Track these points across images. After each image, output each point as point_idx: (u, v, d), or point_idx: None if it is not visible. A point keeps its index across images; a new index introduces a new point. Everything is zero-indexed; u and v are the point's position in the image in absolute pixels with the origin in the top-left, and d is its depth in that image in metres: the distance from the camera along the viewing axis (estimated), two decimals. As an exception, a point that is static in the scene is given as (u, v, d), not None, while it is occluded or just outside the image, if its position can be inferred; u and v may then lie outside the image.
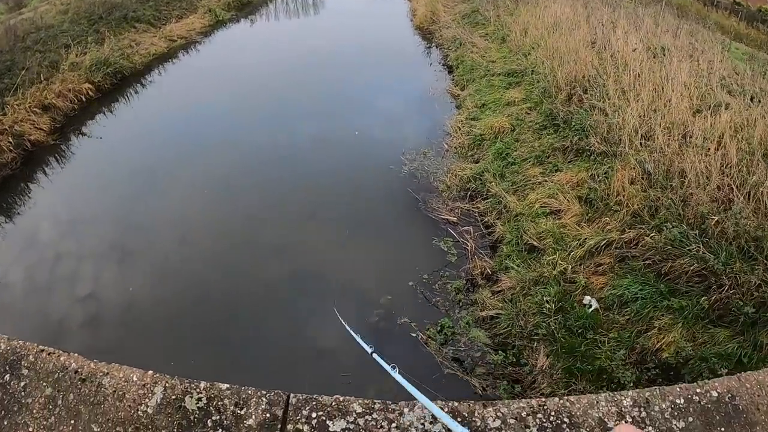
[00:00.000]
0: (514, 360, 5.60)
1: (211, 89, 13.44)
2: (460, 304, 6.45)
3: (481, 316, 6.19)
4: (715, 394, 2.80)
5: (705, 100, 7.98)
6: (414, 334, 6.02)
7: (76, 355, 3.03)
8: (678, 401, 2.76)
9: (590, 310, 5.68)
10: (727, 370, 4.71)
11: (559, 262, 6.23)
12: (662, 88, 8.35)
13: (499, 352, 5.68)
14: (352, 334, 4.66)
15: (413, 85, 13.49)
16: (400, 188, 8.71)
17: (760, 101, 7.74)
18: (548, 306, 5.68)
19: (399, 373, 4.15)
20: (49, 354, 3.03)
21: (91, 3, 15.63)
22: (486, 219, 7.80)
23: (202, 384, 2.87)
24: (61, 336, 6.32)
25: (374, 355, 4.37)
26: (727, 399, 2.79)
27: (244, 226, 8.07)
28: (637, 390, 2.77)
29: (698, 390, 2.80)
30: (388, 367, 4.23)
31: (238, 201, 8.66)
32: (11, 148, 9.64)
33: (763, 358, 4.74)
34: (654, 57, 9.85)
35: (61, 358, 3.01)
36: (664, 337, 5.20)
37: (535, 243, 6.73)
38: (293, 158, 10.01)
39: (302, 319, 6.37)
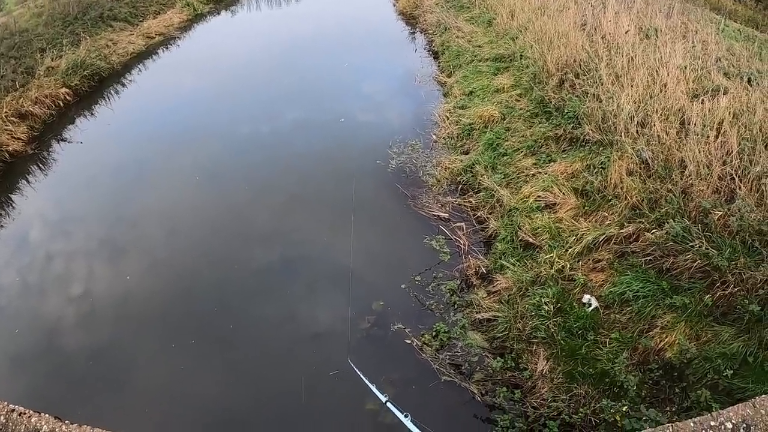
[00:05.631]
0: (513, 365, 5.42)
1: (191, 84, 13.13)
2: (455, 306, 6.24)
3: (477, 318, 5.99)
4: (729, 425, 2.61)
5: (702, 84, 7.72)
6: (408, 341, 5.81)
7: (47, 416, 2.86)
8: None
9: (590, 309, 5.50)
10: (732, 371, 4.56)
11: (557, 259, 6.01)
12: (657, 72, 8.06)
13: (497, 357, 5.48)
14: (367, 383, 4.77)
15: (399, 72, 13.18)
16: (388, 185, 8.43)
17: (758, 84, 7.49)
18: (546, 308, 5.48)
19: (411, 421, 4.29)
20: (19, 414, 2.86)
21: (66, 4, 15.07)
22: (479, 214, 7.56)
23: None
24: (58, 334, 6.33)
25: (388, 404, 4.54)
26: (742, 429, 2.59)
27: (221, 241, 7.74)
28: (649, 430, 2.56)
29: (712, 423, 2.61)
30: (401, 416, 4.39)
31: (219, 208, 8.37)
32: (-12, 160, 9.27)
33: (770, 357, 4.56)
34: (647, 38, 9.55)
35: (33, 420, 2.84)
36: (666, 337, 5.03)
37: (530, 239, 6.51)
38: (277, 154, 9.77)
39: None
